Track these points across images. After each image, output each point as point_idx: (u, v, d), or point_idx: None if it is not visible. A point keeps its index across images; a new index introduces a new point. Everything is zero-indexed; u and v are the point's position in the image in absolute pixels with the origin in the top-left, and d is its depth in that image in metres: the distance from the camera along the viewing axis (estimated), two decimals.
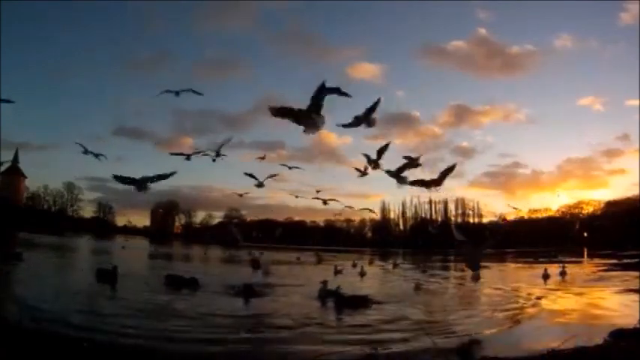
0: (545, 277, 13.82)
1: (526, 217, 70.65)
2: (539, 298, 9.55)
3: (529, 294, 10.09)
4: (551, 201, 72.01)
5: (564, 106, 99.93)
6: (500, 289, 11.18)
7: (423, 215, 77.34)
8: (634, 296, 9.40)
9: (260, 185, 8.23)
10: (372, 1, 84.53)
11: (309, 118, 4.38)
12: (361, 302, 7.78)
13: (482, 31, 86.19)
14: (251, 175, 8.23)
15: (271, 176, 8.63)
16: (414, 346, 5.04)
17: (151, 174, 5.60)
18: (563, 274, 14.75)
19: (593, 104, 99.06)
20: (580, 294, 10.23)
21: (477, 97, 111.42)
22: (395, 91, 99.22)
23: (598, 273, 17.05)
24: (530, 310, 7.95)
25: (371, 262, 22.80)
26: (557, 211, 70.10)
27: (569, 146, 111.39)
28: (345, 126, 4.94)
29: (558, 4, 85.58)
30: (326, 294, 8.29)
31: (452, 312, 7.67)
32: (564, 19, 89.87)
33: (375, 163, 5.75)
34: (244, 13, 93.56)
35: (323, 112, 4.32)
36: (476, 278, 13.22)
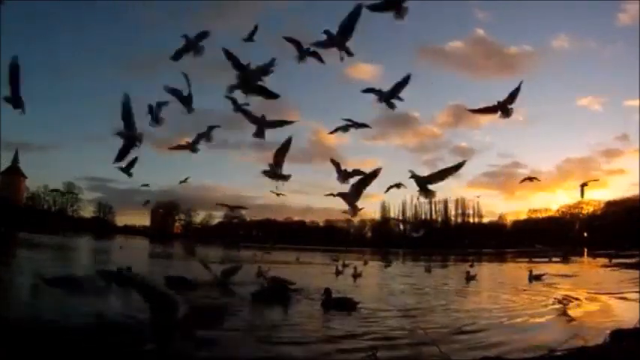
0: (533, 278, 13.20)
1: (526, 216, 70.86)
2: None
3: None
4: (551, 201, 72.27)
5: (563, 106, 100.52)
6: (493, 290, 11.10)
7: (424, 216, 77.64)
8: None
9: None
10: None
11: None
12: (347, 305, 7.62)
13: (480, 31, 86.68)
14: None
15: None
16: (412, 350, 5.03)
17: (150, 174, 5.42)
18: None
19: (591, 104, 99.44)
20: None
21: (475, 98, 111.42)
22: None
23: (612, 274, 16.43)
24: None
25: (365, 263, 22.88)
26: (557, 211, 70.33)
27: (568, 146, 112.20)
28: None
29: (555, 4, 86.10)
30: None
31: (445, 313, 7.65)
32: (562, 20, 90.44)
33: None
34: (243, 13, 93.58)
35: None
36: (470, 279, 13.19)
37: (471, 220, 76.14)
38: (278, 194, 5.85)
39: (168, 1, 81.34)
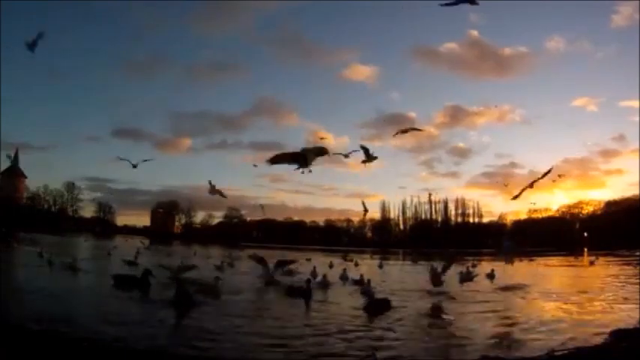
0: (490, 276, 12.88)
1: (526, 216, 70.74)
2: None
3: None
4: (550, 201, 71.99)
5: (559, 106, 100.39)
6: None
7: (423, 216, 77.46)
8: None
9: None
10: (365, 1, 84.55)
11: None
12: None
13: (475, 33, 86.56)
14: None
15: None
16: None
17: (149, 174, 5.47)
18: None
19: (587, 105, 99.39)
20: None
21: (471, 98, 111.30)
22: (390, 93, 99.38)
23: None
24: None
25: (356, 264, 22.70)
26: (557, 211, 70.15)
27: (566, 147, 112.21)
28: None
29: (549, 5, 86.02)
30: None
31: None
32: (556, 21, 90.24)
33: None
34: (241, 15, 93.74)
35: None
36: (464, 280, 12.94)
37: (471, 219, 75.95)
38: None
39: (168, 2, 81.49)
